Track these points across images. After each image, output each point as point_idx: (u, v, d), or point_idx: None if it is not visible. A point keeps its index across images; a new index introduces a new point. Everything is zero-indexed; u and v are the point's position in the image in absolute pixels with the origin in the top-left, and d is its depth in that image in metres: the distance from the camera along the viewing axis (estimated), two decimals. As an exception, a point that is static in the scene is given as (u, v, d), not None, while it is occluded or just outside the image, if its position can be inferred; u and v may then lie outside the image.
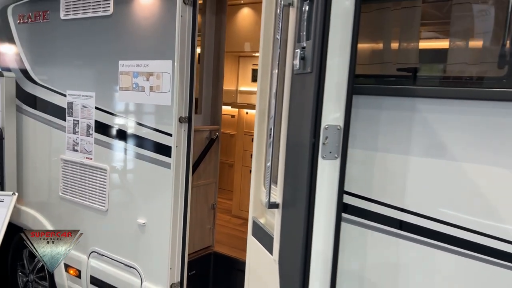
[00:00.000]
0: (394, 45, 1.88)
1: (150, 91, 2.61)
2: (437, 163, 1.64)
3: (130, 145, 2.76)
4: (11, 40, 3.51)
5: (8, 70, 3.53)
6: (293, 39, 1.59)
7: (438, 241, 1.64)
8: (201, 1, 3.16)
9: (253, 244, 2.02)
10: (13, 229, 3.66)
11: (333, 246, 1.51)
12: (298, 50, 1.53)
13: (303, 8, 1.51)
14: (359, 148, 1.81)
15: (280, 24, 1.66)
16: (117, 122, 2.82)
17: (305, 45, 1.50)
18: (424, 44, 1.81)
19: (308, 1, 1.48)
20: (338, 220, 1.51)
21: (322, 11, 1.40)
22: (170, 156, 2.56)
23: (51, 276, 3.37)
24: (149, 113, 2.66)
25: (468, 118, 1.58)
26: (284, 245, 1.67)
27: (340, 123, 1.46)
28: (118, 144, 2.83)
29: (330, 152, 1.47)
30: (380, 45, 1.92)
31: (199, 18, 3.21)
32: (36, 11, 3.29)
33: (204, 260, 3.14)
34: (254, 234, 2.01)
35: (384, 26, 1.89)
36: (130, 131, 2.76)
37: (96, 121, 2.94)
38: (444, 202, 1.64)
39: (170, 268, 2.63)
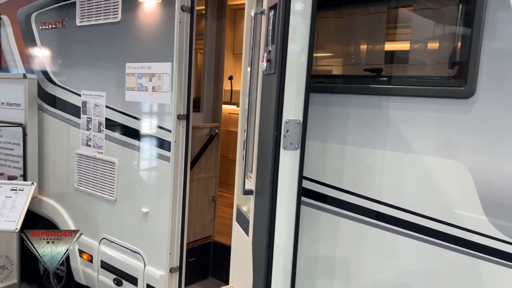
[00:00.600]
0: (363, 47, 2.05)
1: (152, 91, 2.86)
2: (392, 155, 1.81)
3: (135, 140, 3.02)
4: (34, 44, 3.85)
5: (31, 72, 3.87)
6: (263, 43, 1.79)
7: (382, 221, 1.83)
8: (203, 7, 3.39)
9: (236, 229, 2.23)
10: (36, 218, 4.01)
11: (294, 226, 1.70)
12: (265, 53, 1.73)
13: (269, 16, 1.71)
14: (333, 142, 2.00)
15: (253, 30, 1.86)
16: (124, 119, 3.08)
17: (270, 49, 1.70)
18: (388, 47, 1.97)
19: (273, 10, 1.68)
20: (298, 204, 1.70)
21: (283, 19, 1.60)
22: (169, 151, 2.80)
23: (68, 261, 3.67)
24: (152, 111, 2.91)
25: (423, 114, 1.74)
26: (256, 227, 1.87)
27: (300, 117, 1.65)
28: (125, 139, 3.09)
29: (291, 144, 1.66)
30: (351, 48, 2.09)
31: (202, 23, 3.47)
32: (55, 18, 3.61)
33: (204, 248, 3.37)
34: (237, 220, 2.22)
35: (354, 30, 2.06)
36: (135, 127, 3.02)
37: (106, 119, 3.22)
38: (393, 189, 1.81)
39: (170, 253, 2.87)
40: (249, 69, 1.90)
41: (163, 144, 2.84)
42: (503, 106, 1.57)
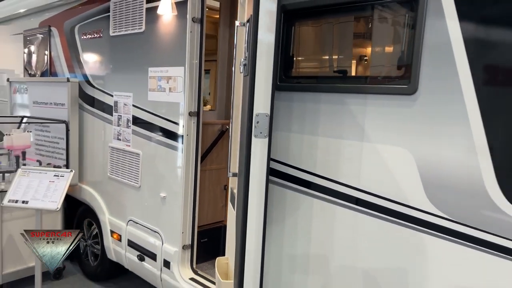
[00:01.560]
0: (334, 52, 2.37)
1: (169, 91, 3.31)
2: (351, 143, 2.12)
3: (155, 134, 3.48)
4: (76, 52, 4.44)
5: (74, 76, 4.46)
6: (242, 50, 2.17)
7: (335, 197, 2.15)
8: (218, 16, 3.81)
9: (229, 209, 2.61)
10: (77, 203, 4.60)
11: (264, 200, 2.06)
12: (242, 59, 2.10)
13: (246, 27, 2.08)
14: (307, 134, 2.34)
15: (236, 38, 2.24)
16: (147, 116, 3.56)
17: (246, 55, 2.07)
18: (353, 51, 2.28)
19: (248, 23, 2.05)
20: (267, 181, 2.06)
21: (253, 30, 1.97)
22: (182, 143, 3.23)
23: (102, 241, 4.21)
24: (168, 108, 3.35)
25: (368, 106, 2.04)
26: (238, 202, 2.25)
27: (267, 111, 2.01)
28: (147, 133, 3.56)
29: (261, 133, 2.03)
30: (324, 52, 2.41)
31: (217, 30, 3.88)
32: (94, 29, 4.17)
33: (215, 231, 3.77)
34: (230, 200, 2.60)
35: (327, 37, 2.38)
36: (155, 123, 3.48)
37: (133, 116, 3.71)
38: (352, 172, 2.12)
39: (182, 233, 3.29)
40: (233, 71, 2.28)
41: (177, 137, 3.28)
42: (439, 101, 1.85)
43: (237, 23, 2.21)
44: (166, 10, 3.25)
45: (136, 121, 3.68)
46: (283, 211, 2.43)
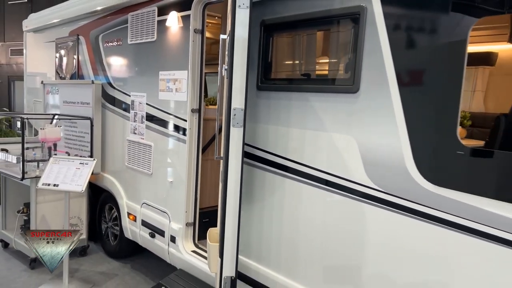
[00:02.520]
0: (302, 58, 2.88)
1: (175, 92, 3.88)
2: (312, 132, 2.64)
3: (164, 128, 4.06)
4: (100, 57, 5.09)
5: (98, 78, 5.11)
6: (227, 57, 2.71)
7: (301, 176, 2.66)
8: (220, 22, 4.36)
9: (220, 187, 3.15)
10: (99, 190, 5.25)
11: (240, 177, 2.60)
12: (225, 65, 2.65)
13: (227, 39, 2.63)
14: (283, 123, 2.86)
15: (220, 48, 2.78)
16: (158, 113, 4.14)
17: (227, 61, 2.61)
18: (316, 58, 2.79)
19: (228, 35, 2.60)
20: (242, 163, 2.59)
21: (231, 40, 2.51)
22: (186, 135, 3.80)
23: (120, 222, 4.83)
24: (175, 106, 3.93)
25: (325, 103, 2.55)
26: (222, 179, 2.79)
27: (242, 106, 2.55)
28: (158, 127, 4.15)
29: (237, 123, 2.57)
30: (295, 58, 2.93)
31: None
32: (115, 38, 4.80)
33: (216, 213, 4.31)
34: (220, 181, 3.14)
35: (298, 46, 2.90)
36: (164, 118, 4.06)
37: (146, 113, 4.31)
38: (311, 154, 2.63)
39: (186, 212, 3.86)
40: (219, 75, 2.83)
41: (182, 130, 3.85)
42: (374, 98, 2.34)
43: (222, 36, 2.76)
44: (173, 22, 3.84)
45: (149, 117, 4.28)
46: (263, 189, 2.96)
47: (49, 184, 4.17)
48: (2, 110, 10.32)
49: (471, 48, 3.46)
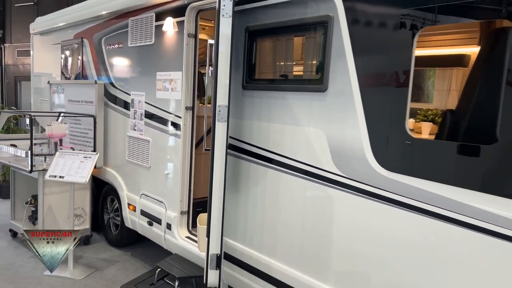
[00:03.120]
0: (281, 61, 3.22)
1: (171, 91, 4.23)
2: (288, 127, 2.98)
3: (161, 124, 4.41)
4: (103, 59, 5.45)
5: (101, 79, 5.47)
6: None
7: (280, 166, 3.01)
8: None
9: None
10: (102, 183, 5.61)
11: (224, 166, 2.94)
12: (211, 67, 2.99)
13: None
14: (264, 119, 3.20)
15: (208, 52, 3.13)
16: (155, 111, 4.49)
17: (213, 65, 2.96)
18: (292, 61, 3.13)
19: (213, 42, 2.94)
20: (226, 153, 2.93)
21: (216, 45, 2.85)
22: (181, 131, 4.14)
23: (121, 213, 5.18)
24: (171, 104, 4.27)
25: (299, 100, 2.89)
26: (211, 169, 3.14)
27: (226, 103, 2.90)
28: (155, 124, 4.50)
29: (222, 118, 2.91)
30: (275, 61, 3.27)
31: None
32: (116, 41, 5.15)
33: (209, 203, 4.67)
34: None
35: (278, 50, 3.24)
36: (161, 115, 4.41)
37: (145, 111, 4.66)
38: (287, 145, 2.97)
39: (180, 201, 4.20)
40: (207, 76, 3.17)
41: (177, 126, 4.20)
42: (340, 96, 2.67)
43: (210, 41, 3.10)
44: (169, 27, 4.19)
45: (147, 114, 4.63)
46: (248, 178, 3.30)
47: (55, 176, 4.53)
48: (10, 108, 10.72)
49: (447, 51, 3.82)
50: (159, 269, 3.99)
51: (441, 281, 2.23)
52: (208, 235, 3.01)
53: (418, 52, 3.14)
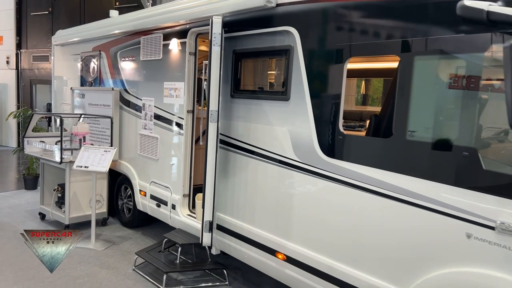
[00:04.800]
0: (257, 77, 4.24)
1: (176, 97, 5.26)
2: (262, 126, 4.00)
3: (167, 124, 5.44)
4: (118, 70, 6.48)
5: (117, 86, 6.50)
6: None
7: (258, 156, 4.02)
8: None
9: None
10: (117, 174, 6.64)
11: (215, 155, 3.97)
12: (205, 81, 4.02)
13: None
14: (247, 120, 4.22)
15: (203, 70, 4.15)
16: (162, 113, 5.52)
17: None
18: (267, 77, 4.16)
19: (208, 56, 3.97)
20: (216, 147, 3.96)
21: (209, 66, 3.88)
22: (183, 130, 5.16)
23: (134, 197, 6.21)
24: (175, 108, 5.30)
25: (271, 107, 3.92)
26: (205, 157, 4.16)
27: (216, 108, 3.92)
28: (163, 124, 5.53)
29: (213, 120, 3.94)
30: (255, 76, 4.30)
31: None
32: (130, 55, 6.19)
33: (206, 189, 5.69)
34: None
35: (256, 68, 4.26)
36: (167, 117, 5.44)
37: (154, 113, 5.68)
38: (261, 139, 4.00)
39: (183, 186, 5.22)
40: (203, 85, 4.20)
41: (180, 126, 5.22)
42: (298, 103, 3.69)
43: (205, 62, 4.12)
44: (174, 46, 5.22)
45: (156, 116, 5.66)
46: (235, 166, 4.32)
47: (81, 166, 5.57)
48: (35, 111, 11.79)
49: (387, 65, 4.82)
50: (166, 239, 5.02)
51: (362, 233, 3.23)
52: (203, 207, 4.04)
53: (367, 65, 4.15)
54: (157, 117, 5.64)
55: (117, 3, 12.82)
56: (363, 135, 3.53)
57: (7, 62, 14.85)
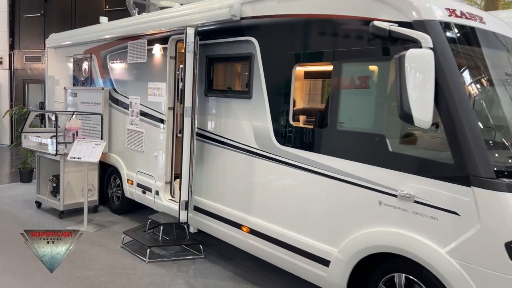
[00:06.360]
0: (227, 78, 4.97)
1: (158, 96, 5.96)
2: (231, 120, 4.74)
3: (151, 120, 6.13)
4: (107, 71, 7.15)
5: (106, 85, 7.17)
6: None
7: (228, 146, 4.76)
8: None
9: (183, 154, 5.25)
10: (107, 165, 7.32)
11: (190, 145, 4.69)
12: (181, 82, 4.74)
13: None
14: (218, 116, 4.95)
15: (180, 73, 4.87)
16: (147, 110, 6.21)
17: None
18: (234, 78, 4.89)
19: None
20: (192, 139, 4.68)
21: (184, 70, 4.59)
22: (165, 124, 5.87)
23: (122, 186, 6.90)
24: (158, 105, 5.99)
25: (237, 104, 4.65)
26: (181, 147, 4.88)
27: (190, 105, 4.65)
28: (147, 120, 6.22)
29: (188, 115, 4.66)
30: (225, 78, 5.02)
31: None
32: (118, 58, 6.87)
33: (186, 177, 6.40)
34: (183, 150, 5.23)
35: (226, 71, 4.98)
36: (151, 113, 6.13)
37: (140, 110, 6.37)
38: (231, 131, 4.73)
39: (165, 174, 5.93)
40: (181, 85, 4.92)
41: (163, 121, 5.92)
42: (258, 101, 4.42)
43: (181, 66, 4.83)
44: (157, 51, 5.92)
45: (142, 113, 6.35)
46: (209, 155, 5.05)
47: (74, 158, 6.25)
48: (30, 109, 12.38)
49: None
50: (150, 220, 5.72)
51: (305, 206, 3.97)
52: (180, 189, 4.76)
53: (323, 67, 4.90)
54: (143, 113, 6.33)
55: (107, 7, 13.47)
56: (310, 127, 4.27)
57: (0, 63, 15.40)
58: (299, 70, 6.06)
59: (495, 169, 2.83)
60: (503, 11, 8.25)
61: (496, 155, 3.01)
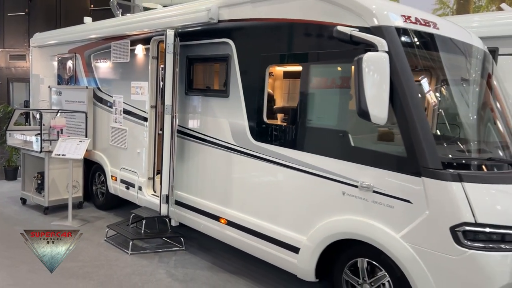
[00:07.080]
0: (206, 78, 5.21)
1: (141, 94, 6.17)
2: (210, 118, 4.99)
3: (134, 118, 6.34)
4: (91, 70, 7.33)
5: (90, 84, 7.35)
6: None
7: (207, 142, 5.01)
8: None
9: (164, 151, 5.48)
10: (91, 163, 7.50)
11: (170, 141, 4.92)
12: (162, 81, 4.97)
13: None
14: (198, 114, 5.19)
15: (161, 73, 5.10)
16: (130, 108, 6.41)
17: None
18: (213, 78, 5.14)
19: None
20: (173, 137, 4.91)
21: (164, 69, 4.83)
22: (147, 122, 6.08)
23: (106, 182, 7.08)
24: (140, 103, 6.20)
25: (215, 102, 4.91)
26: (162, 144, 5.11)
27: (170, 103, 4.88)
28: (130, 118, 6.42)
29: (168, 112, 4.90)
30: (204, 78, 5.26)
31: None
32: (102, 57, 7.05)
33: (169, 173, 6.62)
34: (165, 147, 5.47)
35: (205, 71, 5.22)
36: (134, 111, 6.34)
37: (123, 108, 6.57)
38: (210, 129, 4.99)
39: (148, 170, 6.14)
40: (161, 84, 5.15)
41: (145, 119, 6.13)
42: (235, 100, 4.67)
43: (161, 66, 5.07)
44: (139, 51, 6.13)
45: (125, 111, 6.55)
46: (189, 151, 5.29)
47: (59, 154, 6.42)
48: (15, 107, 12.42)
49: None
50: (133, 214, 5.94)
51: (278, 197, 4.25)
52: (161, 183, 4.99)
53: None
54: (126, 112, 6.53)
55: (92, 6, 13.58)
56: (283, 124, 4.54)
57: (-16, 61, 15.36)
58: (279, 70, 6.36)
59: (443, 161, 3.14)
60: (475, 14, 8.68)
61: (444, 148, 3.32)
